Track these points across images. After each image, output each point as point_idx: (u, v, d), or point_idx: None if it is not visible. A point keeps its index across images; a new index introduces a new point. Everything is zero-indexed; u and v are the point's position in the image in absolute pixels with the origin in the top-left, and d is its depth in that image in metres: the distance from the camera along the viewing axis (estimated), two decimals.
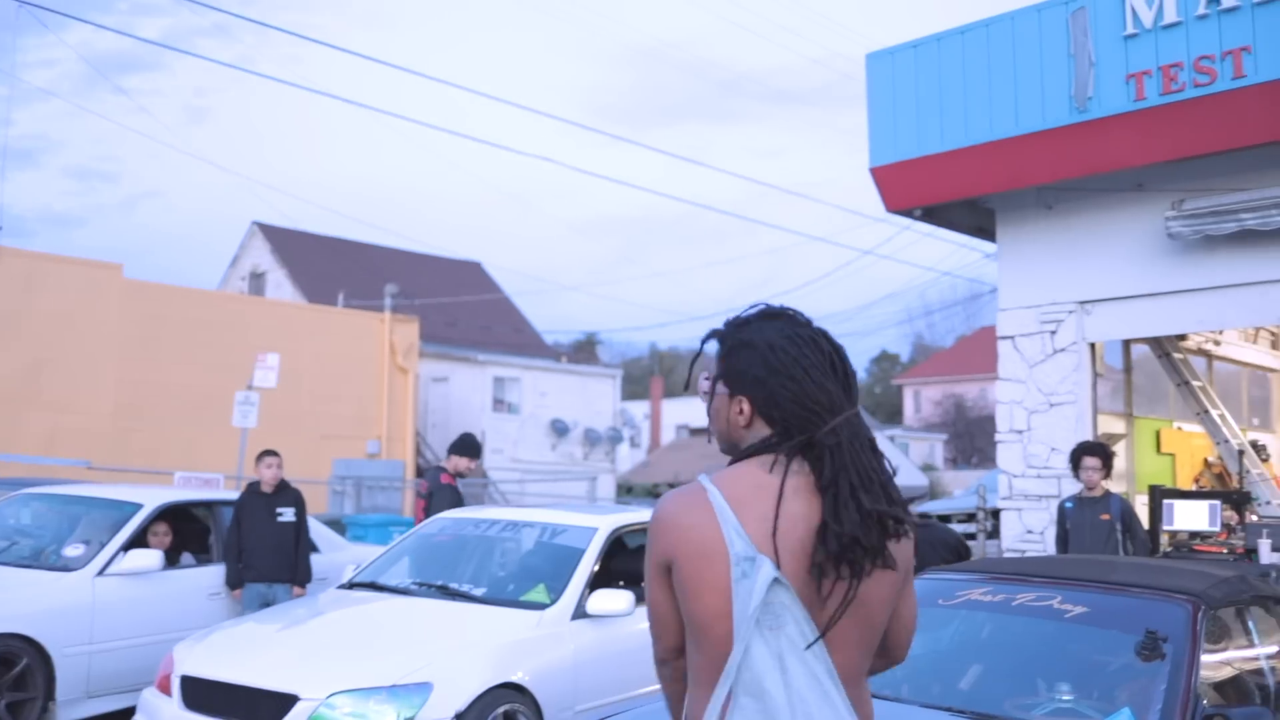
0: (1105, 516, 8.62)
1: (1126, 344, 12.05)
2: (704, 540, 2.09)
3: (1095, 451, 8.78)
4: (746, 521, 2.08)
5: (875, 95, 10.93)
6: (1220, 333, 13.07)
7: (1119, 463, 10.57)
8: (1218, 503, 10.70)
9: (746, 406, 2.21)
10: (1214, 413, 12.16)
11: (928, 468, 46.55)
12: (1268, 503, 11.64)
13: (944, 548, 6.76)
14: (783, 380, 2.16)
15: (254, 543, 8.56)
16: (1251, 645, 5.15)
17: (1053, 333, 10.55)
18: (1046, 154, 9.88)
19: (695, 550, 2.09)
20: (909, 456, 45.19)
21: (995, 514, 12.72)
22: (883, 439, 40.92)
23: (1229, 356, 13.70)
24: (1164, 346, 12.02)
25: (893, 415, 63.53)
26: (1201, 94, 8.97)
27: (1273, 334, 14.81)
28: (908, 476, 37.22)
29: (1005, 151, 10.08)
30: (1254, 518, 10.97)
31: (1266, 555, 10.04)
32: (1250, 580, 5.52)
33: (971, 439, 51.48)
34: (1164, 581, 5.12)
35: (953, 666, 5.17)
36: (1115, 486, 9.65)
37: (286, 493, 8.84)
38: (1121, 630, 4.88)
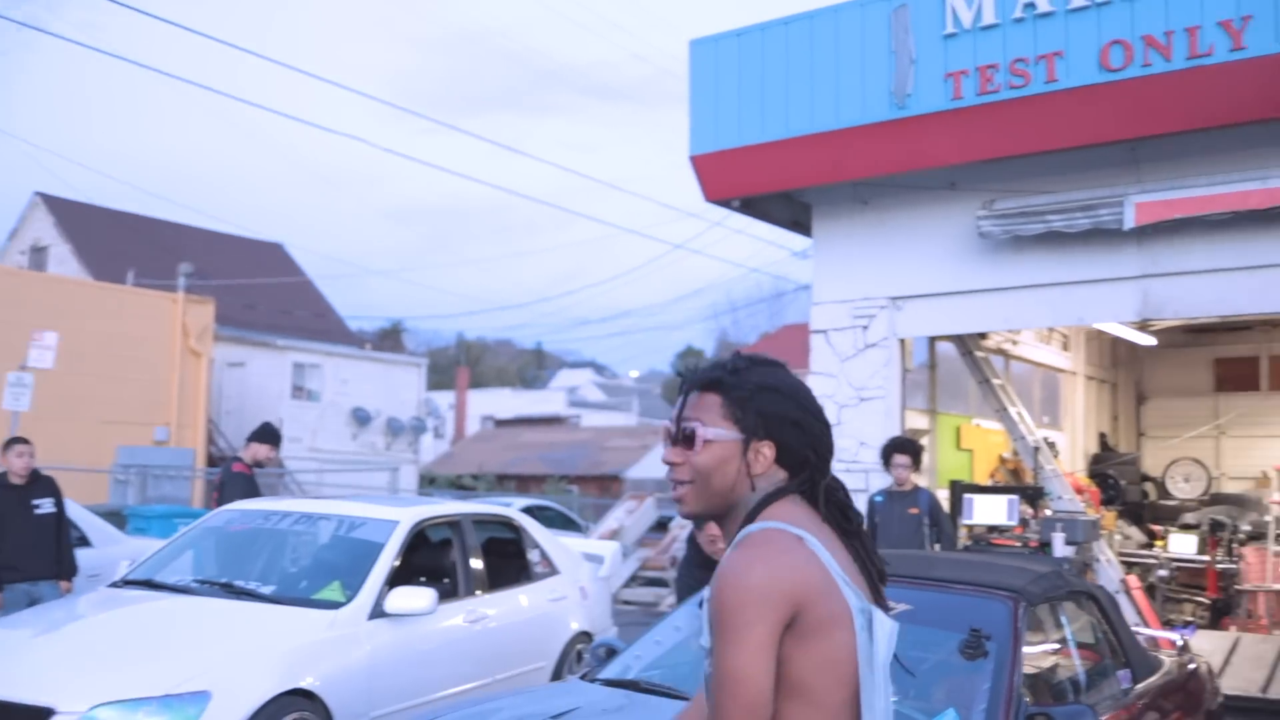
0: (914, 511, 8.67)
1: (931, 341, 12.24)
2: (826, 582, 2.00)
3: (906, 449, 8.82)
4: (843, 569, 2.05)
5: (698, 83, 10.76)
6: (1018, 333, 13.45)
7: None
8: (1016, 497, 10.98)
9: (770, 451, 2.13)
10: (1012, 410, 12.48)
11: None
12: (1060, 498, 12.00)
13: None
14: (817, 424, 2.17)
15: (12, 540, 7.76)
16: (1065, 640, 5.12)
17: (865, 328, 10.60)
18: (865, 149, 9.88)
19: (821, 590, 1.99)
20: None
21: None
22: None
23: (1024, 356, 14.10)
24: (967, 344, 12.25)
25: None
26: (1016, 96, 9.09)
27: (1064, 336, 15.36)
28: None
29: (824, 145, 10.04)
30: (1048, 512, 11.29)
31: (1060, 549, 10.32)
32: (1065, 575, 5.51)
33: None
34: (985, 578, 5.03)
35: None
36: (918, 481, 9.72)
37: (41, 483, 8.06)
38: (943, 628, 4.75)
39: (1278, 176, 8.61)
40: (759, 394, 2.15)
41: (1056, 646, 5.09)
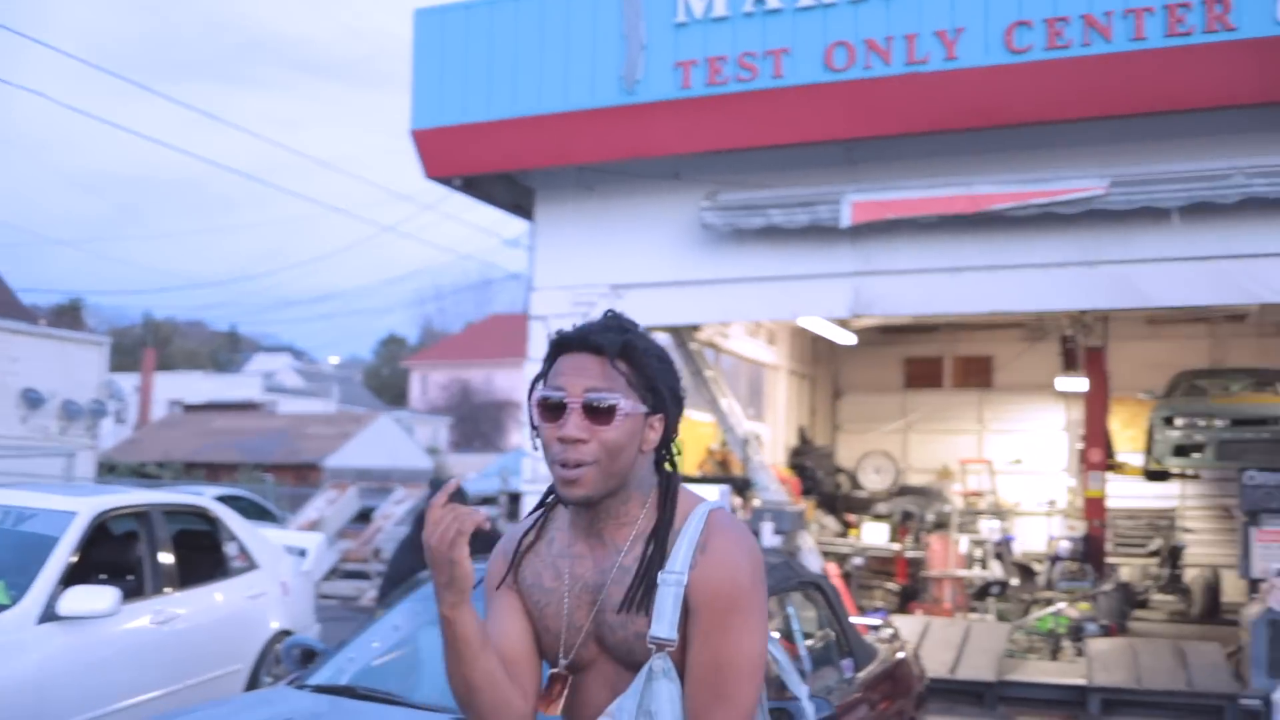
0: None
1: (648, 332, 12.25)
2: None
3: None
4: None
5: (422, 56, 10.30)
6: (728, 326, 13.69)
7: None
8: (727, 488, 11.16)
9: (659, 427, 1.99)
10: (724, 402, 12.67)
11: (433, 450, 46.49)
12: (767, 489, 12.28)
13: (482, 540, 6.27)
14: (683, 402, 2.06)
15: None
16: (794, 632, 5.07)
17: (585, 315, 10.40)
18: (592, 133, 9.71)
19: None
20: (414, 439, 44.84)
21: (515, 497, 12.52)
22: (388, 421, 40.34)
23: (733, 350, 14.38)
24: (682, 336, 12.35)
25: (399, 398, 63.04)
26: (743, 89, 9.15)
27: (770, 331, 15.79)
28: (413, 459, 36.83)
29: (550, 127, 9.81)
30: (757, 503, 11.53)
31: (768, 538, 10.54)
32: (794, 566, 5.49)
33: (477, 423, 52.10)
34: None
35: None
36: None
37: None
38: None
39: (982, 183, 9.03)
40: (660, 365, 1.99)
41: (786, 638, 5.03)
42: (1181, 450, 13.44)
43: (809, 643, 5.18)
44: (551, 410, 1.94)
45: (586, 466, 1.91)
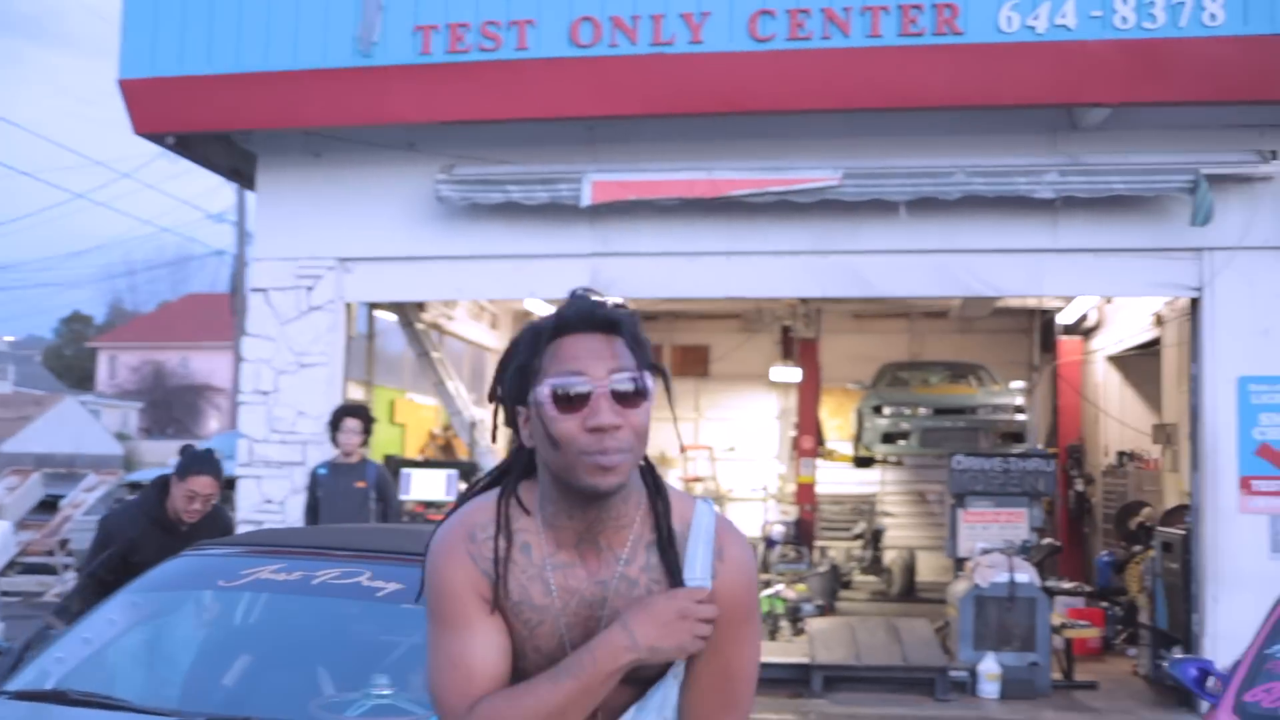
0: (361, 484, 8.16)
1: (370, 310, 11.77)
2: None
3: (358, 414, 8.28)
4: None
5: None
6: (454, 307, 13.35)
7: None
8: (455, 473, 10.84)
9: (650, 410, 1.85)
10: (450, 385, 12.33)
11: (122, 436, 43.58)
12: None
13: (223, 525, 5.71)
14: None
15: None
16: None
17: (310, 289, 9.86)
18: (322, 96, 9.15)
19: None
20: (101, 423, 41.86)
21: (230, 482, 11.73)
22: (72, 404, 37.54)
23: (457, 332, 14.05)
24: (408, 315, 11.92)
25: (84, 380, 58.79)
26: (486, 59, 8.85)
27: (494, 314, 15.54)
28: (100, 445, 34.34)
29: (277, 86, 9.18)
30: None
31: None
32: None
33: (170, 408, 49.30)
34: None
35: (237, 664, 4.23)
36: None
37: None
38: None
39: (723, 169, 9.09)
40: (647, 339, 1.82)
41: None
42: (889, 438, 14.15)
43: None
44: (571, 400, 1.72)
45: (625, 454, 1.73)
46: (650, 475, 1.87)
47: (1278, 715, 4.15)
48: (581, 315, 1.77)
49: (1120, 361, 14.19)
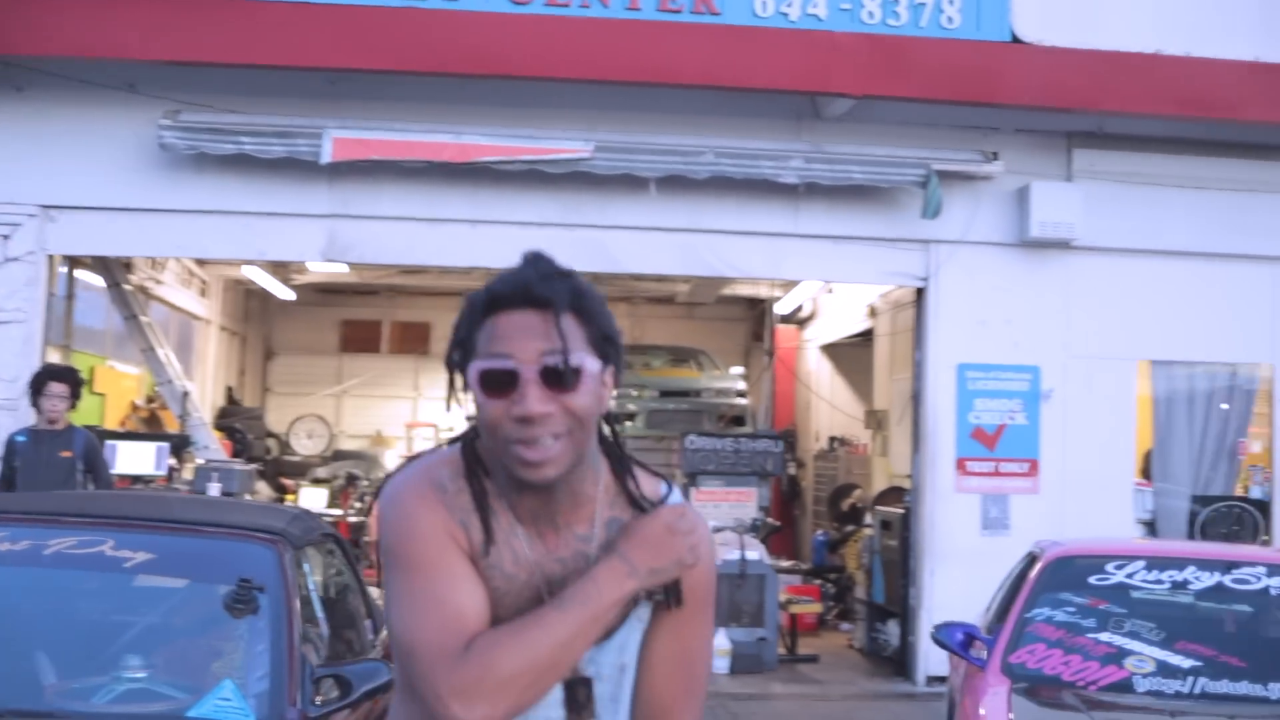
0: (67, 454, 7.48)
1: (71, 267, 10.76)
2: None
3: (64, 377, 7.56)
4: None
5: None
6: (162, 271, 12.45)
7: None
8: (166, 445, 10.10)
9: (611, 382, 1.72)
10: (160, 352, 11.47)
11: None
12: (207, 447, 11.27)
13: None
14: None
15: None
16: (328, 587, 4.52)
17: (6, 237, 8.87)
18: (24, 23, 8.23)
19: None
20: None
21: None
22: None
23: (164, 298, 13.11)
24: (115, 275, 10.99)
25: None
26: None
27: (204, 282, 14.63)
28: None
29: None
30: (200, 462, 10.52)
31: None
32: (314, 517, 4.93)
33: None
34: (239, 519, 4.23)
35: None
36: None
37: None
38: (199, 579, 3.88)
39: (472, 133, 8.79)
40: (605, 309, 1.70)
41: (339, 595, 4.48)
42: (617, 419, 14.20)
43: (332, 602, 4.64)
44: (499, 383, 1.60)
45: (560, 441, 1.60)
46: (616, 450, 1.76)
47: (1042, 674, 4.34)
48: (513, 289, 1.62)
49: (833, 350, 14.83)
